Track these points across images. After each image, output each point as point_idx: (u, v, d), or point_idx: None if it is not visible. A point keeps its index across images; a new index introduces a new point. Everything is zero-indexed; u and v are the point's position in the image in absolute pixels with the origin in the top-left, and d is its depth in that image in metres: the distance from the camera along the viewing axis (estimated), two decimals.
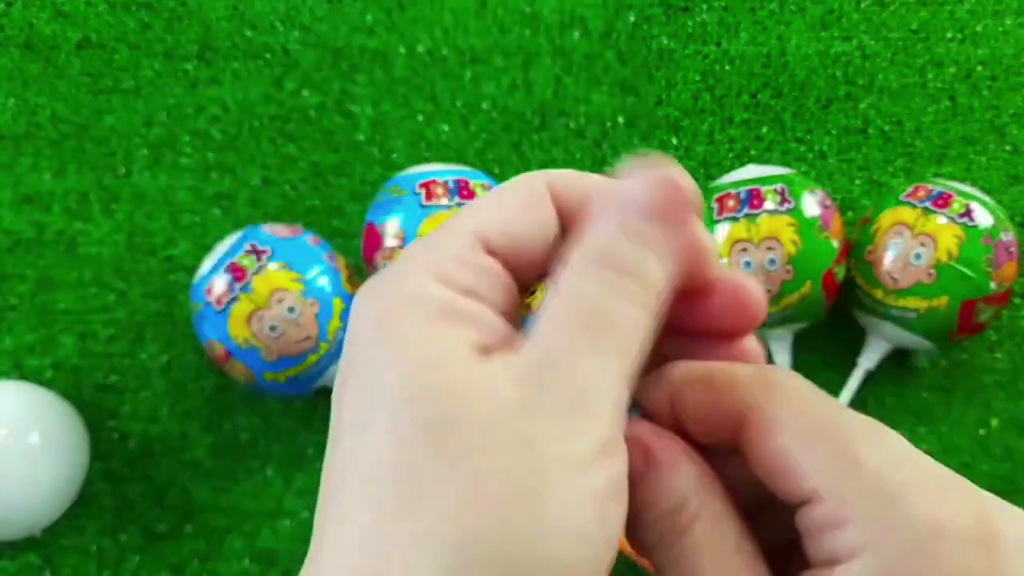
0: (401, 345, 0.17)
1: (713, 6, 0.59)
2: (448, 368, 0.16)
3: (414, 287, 0.17)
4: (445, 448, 0.15)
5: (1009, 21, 0.59)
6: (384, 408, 0.16)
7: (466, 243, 0.18)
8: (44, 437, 0.45)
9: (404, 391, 0.16)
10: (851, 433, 0.17)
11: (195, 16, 0.57)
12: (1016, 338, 0.52)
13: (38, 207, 0.53)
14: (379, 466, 0.16)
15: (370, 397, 0.16)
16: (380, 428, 0.16)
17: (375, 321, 0.17)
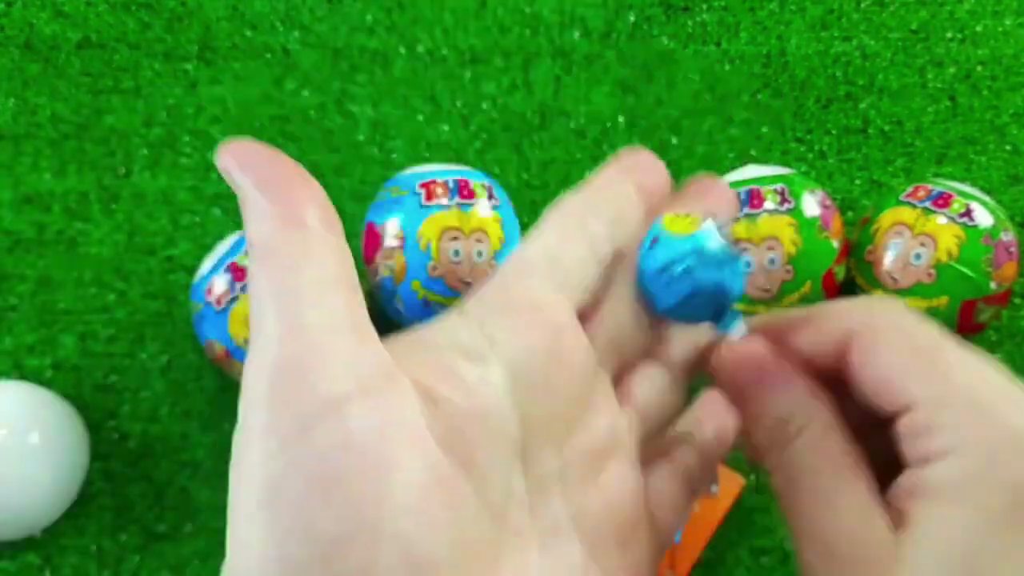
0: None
1: (713, 6, 0.59)
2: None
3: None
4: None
5: (1009, 21, 0.59)
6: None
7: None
8: (44, 437, 0.45)
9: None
10: (946, 351, 0.19)
11: (195, 16, 0.57)
12: (1016, 338, 0.52)
13: (38, 207, 0.53)
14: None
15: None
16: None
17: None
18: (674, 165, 0.55)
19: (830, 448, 0.19)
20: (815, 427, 0.19)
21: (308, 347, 0.16)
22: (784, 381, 0.20)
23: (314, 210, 0.18)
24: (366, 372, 0.17)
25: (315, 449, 0.16)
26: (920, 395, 0.18)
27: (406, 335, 0.20)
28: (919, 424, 0.18)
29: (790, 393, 0.20)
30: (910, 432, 0.18)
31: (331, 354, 0.16)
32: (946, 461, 0.17)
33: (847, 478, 0.19)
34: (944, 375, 0.18)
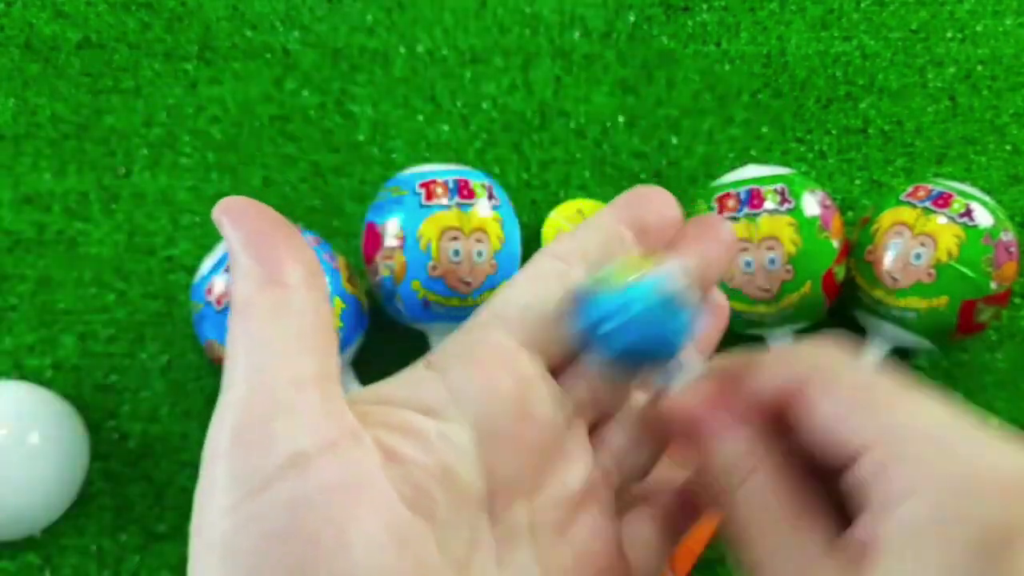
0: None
1: (713, 6, 0.59)
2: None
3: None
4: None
5: (1009, 21, 0.59)
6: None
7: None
8: (44, 437, 0.45)
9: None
10: (895, 392, 0.18)
11: (195, 16, 0.57)
12: (1016, 338, 0.52)
13: (38, 207, 0.53)
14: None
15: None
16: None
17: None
18: (674, 165, 0.55)
19: (777, 496, 0.19)
20: (760, 475, 0.19)
21: (272, 402, 0.17)
22: (725, 430, 0.20)
23: (295, 268, 0.18)
24: (328, 429, 0.17)
25: (273, 505, 0.16)
26: (872, 438, 0.17)
27: (370, 390, 0.20)
28: (873, 468, 0.17)
29: (732, 442, 0.20)
30: (863, 478, 0.17)
31: (295, 410, 0.17)
32: (903, 507, 0.16)
33: (797, 526, 0.18)
34: (891, 417, 0.17)
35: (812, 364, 0.19)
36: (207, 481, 0.16)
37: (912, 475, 0.16)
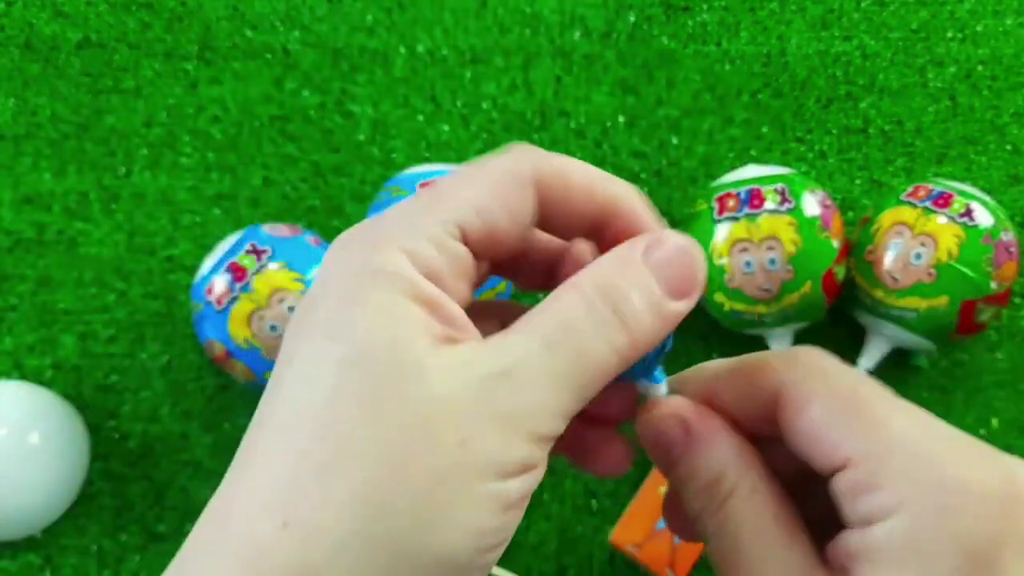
0: (363, 320, 0.17)
1: (713, 6, 0.59)
2: (403, 350, 0.17)
3: (386, 260, 0.18)
4: (382, 418, 0.16)
5: (1009, 21, 0.59)
6: (333, 367, 0.17)
7: (444, 227, 0.18)
8: (44, 437, 0.45)
9: (356, 360, 0.17)
10: (879, 403, 0.18)
11: (195, 16, 0.57)
12: (1016, 338, 0.52)
13: (38, 207, 0.53)
14: (314, 419, 0.16)
15: (322, 354, 0.17)
16: (324, 383, 0.17)
17: (342, 285, 0.18)
18: (674, 165, 0.55)
19: (764, 508, 0.19)
20: (746, 486, 0.19)
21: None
22: (712, 438, 0.20)
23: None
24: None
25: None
26: (856, 451, 0.17)
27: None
28: (857, 482, 0.17)
29: (719, 450, 0.19)
30: (849, 491, 0.17)
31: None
32: (889, 521, 0.16)
33: (783, 540, 0.18)
34: (878, 427, 0.17)
35: (793, 372, 0.19)
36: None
37: (897, 491, 0.16)
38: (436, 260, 0.18)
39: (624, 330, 0.18)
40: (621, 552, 0.46)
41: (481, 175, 0.19)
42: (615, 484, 0.49)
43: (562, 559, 0.48)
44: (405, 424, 0.16)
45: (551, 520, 0.48)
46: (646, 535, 0.45)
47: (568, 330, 0.17)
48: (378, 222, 0.19)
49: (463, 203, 0.19)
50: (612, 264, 0.18)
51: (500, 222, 0.19)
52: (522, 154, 0.19)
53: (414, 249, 0.18)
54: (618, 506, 0.48)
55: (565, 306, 0.18)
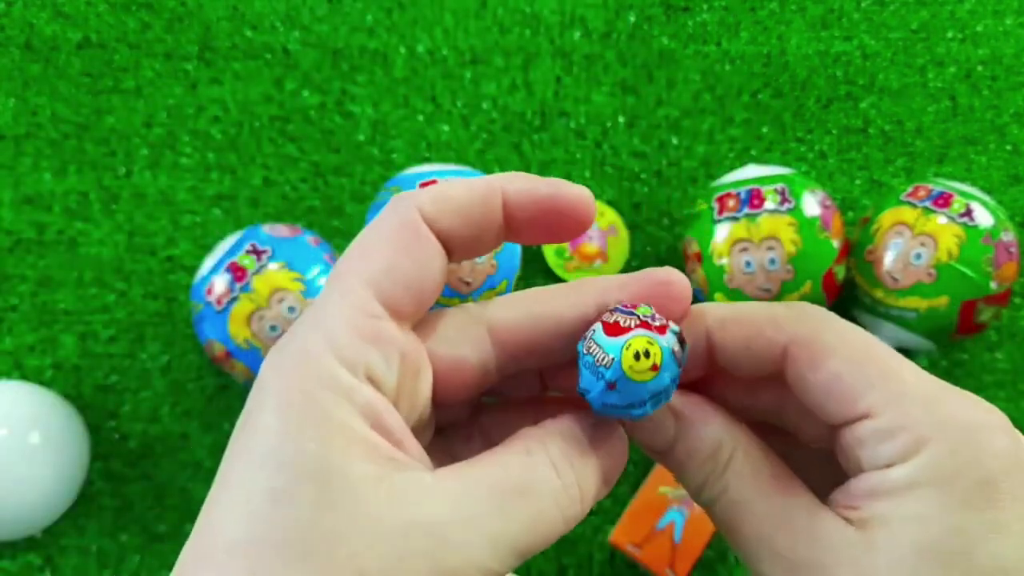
0: (293, 447, 0.16)
1: (713, 6, 0.59)
2: (334, 487, 0.16)
3: (315, 369, 0.17)
4: (305, 567, 0.15)
5: (1009, 21, 0.59)
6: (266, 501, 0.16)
7: (358, 306, 0.18)
8: (44, 437, 0.45)
9: (290, 497, 0.16)
10: (890, 357, 0.19)
11: (195, 16, 0.57)
12: (1016, 338, 0.52)
13: (38, 207, 0.53)
14: (231, 564, 0.16)
15: (256, 486, 0.16)
16: (256, 516, 0.16)
17: (277, 407, 0.17)
18: (674, 165, 0.55)
19: (766, 466, 0.20)
20: (744, 450, 0.20)
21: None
22: (703, 416, 0.20)
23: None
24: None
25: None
26: (876, 402, 0.18)
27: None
28: (879, 429, 0.18)
29: (712, 423, 0.20)
30: (870, 438, 0.18)
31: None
32: (911, 461, 0.17)
33: (791, 490, 0.19)
34: (894, 379, 0.18)
35: (805, 325, 0.20)
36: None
37: (918, 434, 0.18)
38: (359, 350, 0.17)
39: (580, 503, 0.18)
40: (621, 552, 0.46)
41: (373, 235, 0.19)
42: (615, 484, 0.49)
43: (562, 559, 0.48)
44: (336, 570, 0.16)
45: None
46: (646, 535, 0.45)
47: (526, 497, 0.17)
48: (299, 325, 0.18)
49: (366, 268, 0.18)
50: (586, 434, 0.19)
51: (407, 272, 0.18)
52: (401, 201, 0.19)
53: (336, 344, 0.17)
54: (618, 506, 0.48)
55: (530, 467, 0.18)
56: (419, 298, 0.19)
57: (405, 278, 0.18)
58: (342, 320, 0.18)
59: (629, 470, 0.49)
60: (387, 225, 0.19)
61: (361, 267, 0.18)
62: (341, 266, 0.19)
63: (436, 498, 0.17)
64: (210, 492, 0.17)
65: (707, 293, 0.47)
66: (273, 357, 0.18)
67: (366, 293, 0.18)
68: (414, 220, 0.19)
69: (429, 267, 0.19)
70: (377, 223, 0.19)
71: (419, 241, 0.19)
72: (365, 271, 0.18)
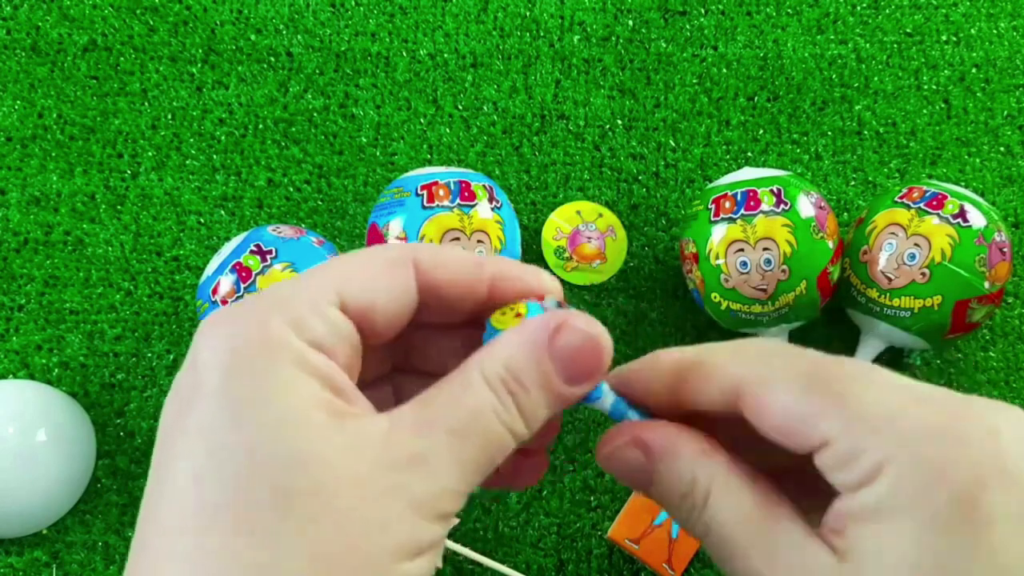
0: (252, 403, 0.17)
1: (710, 10, 0.59)
2: (301, 434, 0.17)
3: (268, 333, 0.17)
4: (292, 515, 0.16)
5: (1003, 24, 0.59)
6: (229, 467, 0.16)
7: (323, 295, 0.18)
8: (51, 435, 0.45)
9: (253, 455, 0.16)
10: (839, 375, 0.18)
11: (200, 20, 0.58)
12: (1009, 337, 0.53)
13: (45, 208, 0.54)
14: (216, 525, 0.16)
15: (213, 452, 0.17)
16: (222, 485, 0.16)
17: (225, 367, 0.17)
18: (672, 167, 0.56)
19: (744, 497, 0.19)
20: (719, 484, 0.19)
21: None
22: (674, 449, 0.20)
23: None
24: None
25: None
26: (831, 429, 0.18)
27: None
28: (839, 456, 0.17)
29: (684, 459, 0.20)
30: (833, 465, 0.18)
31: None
32: (877, 482, 0.17)
33: (774, 520, 0.19)
34: (847, 400, 0.18)
35: (750, 365, 0.19)
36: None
37: (879, 454, 0.17)
38: (319, 329, 0.18)
39: (522, 419, 0.19)
40: (619, 547, 0.47)
41: (357, 256, 0.20)
42: (613, 480, 0.49)
43: (561, 554, 0.48)
44: (314, 516, 0.16)
45: (550, 515, 0.49)
46: (644, 530, 0.46)
47: (474, 419, 0.18)
48: (253, 299, 0.19)
49: (339, 275, 0.19)
50: (518, 350, 0.19)
51: (378, 296, 0.19)
52: (400, 247, 0.20)
53: (293, 316, 0.18)
54: (616, 502, 0.49)
55: (471, 394, 0.18)
56: (379, 321, 0.19)
57: (372, 297, 0.19)
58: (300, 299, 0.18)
59: None
60: (376, 253, 0.20)
61: (334, 273, 0.19)
62: (317, 267, 0.19)
63: (396, 438, 0.18)
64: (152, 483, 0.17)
65: (704, 293, 0.48)
66: (213, 322, 0.18)
67: (331, 292, 0.19)
68: (404, 258, 0.20)
69: (399, 300, 0.20)
70: (371, 249, 0.20)
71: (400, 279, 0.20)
72: (337, 277, 0.19)
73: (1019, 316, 0.54)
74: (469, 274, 0.20)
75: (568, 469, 0.49)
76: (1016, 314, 0.54)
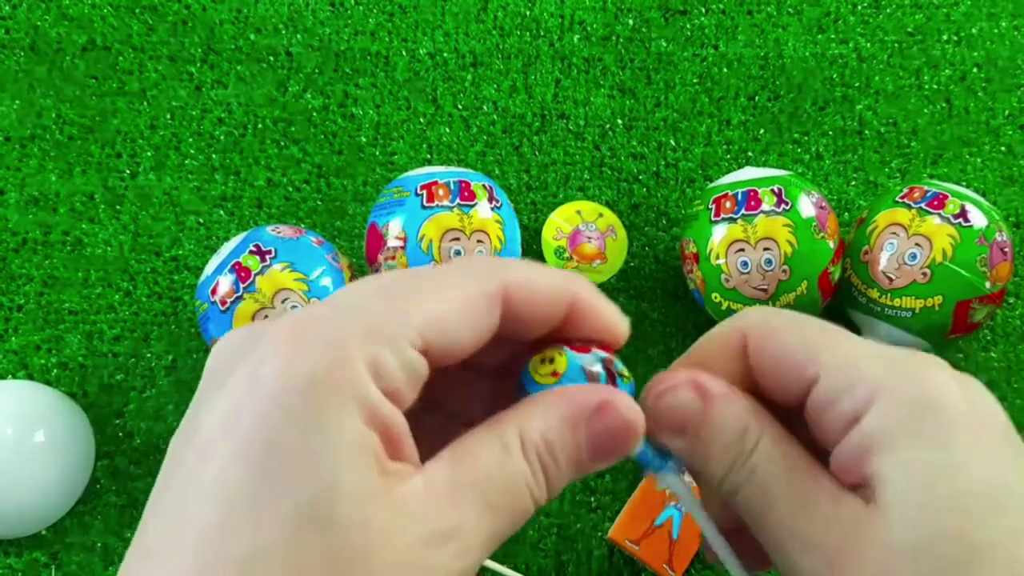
0: (306, 449, 0.16)
1: (711, 9, 0.59)
2: (350, 500, 0.16)
3: (345, 371, 0.16)
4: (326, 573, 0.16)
5: (1004, 23, 0.59)
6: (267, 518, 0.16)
7: (409, 332, 0.17)
8: (50, 436, 0.45)
9: (302, 510, 0.16)
10: (830, 328, 0.21)
11: (199, 19, 0.58)
12: (1010, 337, 0.53)
13: (44, 208, 0.54)
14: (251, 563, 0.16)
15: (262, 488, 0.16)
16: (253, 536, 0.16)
17: (301, 392, 0.16)
18: (672, 167, 0.56)
19: (790, 451, 0.20)
20: (769, 435, 0.20)
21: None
22: (730, 395, 0.21)
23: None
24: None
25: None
26: (823, 363, 0.19)
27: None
28: (833, 387, 0.19)
29: (739, 405, 0.21)
30: (828, 398, 0.19)
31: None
32: (873, 409, 0.18)
33: (813, 475, 0.20)
34: (836, 343, 0.20)
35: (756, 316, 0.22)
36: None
37: (870, 382, 0.19)
38: (398, 375, 0.17)
39: (548, 489, 0.19)
40: (619, 548, 0.47)
41: (451, 286, 0.19)
42: (614, 481, 0.49)
43: (561, 555, 0.48)
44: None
45: (550, 516, 0.49)
46: (644, 531, 0.46)
47: (510, 493, 0.18)
48: (332, 315, 0.17)
49: (431, 315, 0.18)
50: (558, 424, 0.19)
51: (463, 339, 0.18)
52: (492, 270, 0.19)
53: (377, 359, 0.17)
54: (617, 503, 0.49)
55: (509, 464, 0.18)
56: (454, 354, 0.19)
57: (455, 338, 0.18)
58: (386, 338, 0.17)
59: (628, 467, 0.50)
60: (466, 278, 0.19)
61: (424, 308, 0.18)
62: (407, 287, 0.18)
63: (433, 509, 0.17)
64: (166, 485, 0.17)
65: (704, 293, 0.48)
66: (297, 328, 0.17)
67: (416, 334, 0.18)
68: (496, 290, 0.19)
69: (481, 338, 0.19)
70: (457, 273, 0.19)
71: (487, 316, 0.19)
72: (426, 315, 0.18)
73: (1020, 316, 0.53)
74: (556, 304, 0.20)
75: None
76: (1017, 314, 0.53)
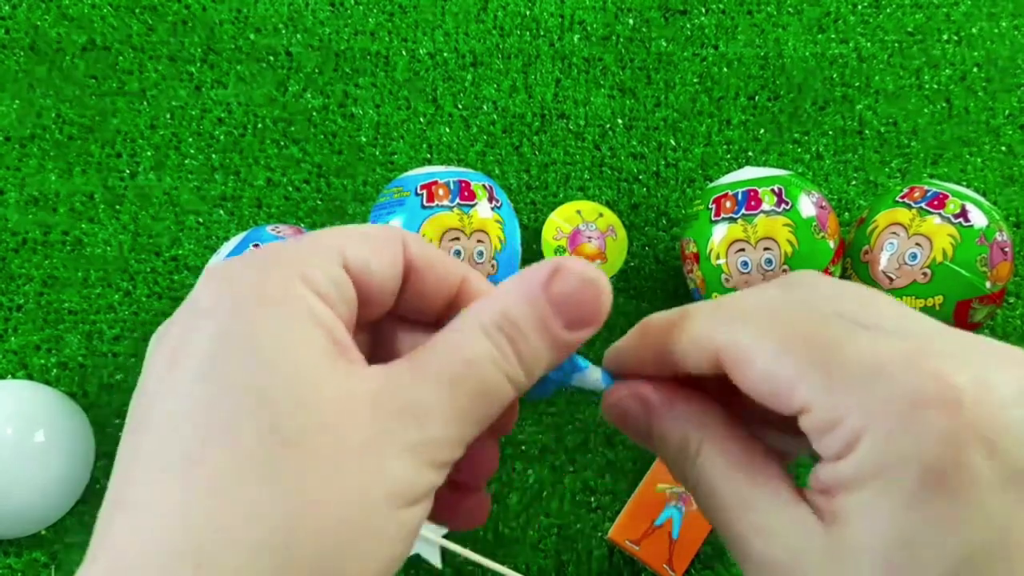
0: (255, 342, 0.17)
1: (711, 9, 0.59)
2: (304, 376, 0.17)
3: (276, 282, 0.18)
4: (289, 454, 0.16)
5: (1004, 23, 0.59)
6: (227, 402, 0.16)
7: (330, 256, 0.19)
8: (50, 435, 0.45)
9: (252, 392, 0.16)
10: (822, 330, 0.18)
11: (199, 19, 0.58)
12: (1011, 337, 0.53)
13: (44, 208, 0.54)
14: (206, 460, 0.16)
15: (210, 387, 0.17)
16: (218, 419, 0.16)
17: (229, 309, 0.17)
18: (672, 167, 0.56)
19: (733, 455, 0.20)
20: (710, 441, 0.20)
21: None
22: (671, 406, 0.21)
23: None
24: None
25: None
26: (809, 396, 0.17)
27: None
28: (817, 424, 0.17)
29: (679, 415, 0.21)
30: (813, 431, 0.18)
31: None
32: (854, 454, 0.17)
33: (760, 478, 0.19)
34: (827, 361, 0.17)
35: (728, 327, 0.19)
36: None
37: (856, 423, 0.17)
38: (326, 284, 0.18)
39: (522, 365, 0.19)
40: (619, 548, 0.47)
41: (354, 227, 0.20)
42: (614, 481, 0.49)
43: (561, 555, 0.48)
44: (314, 455, 0.16)
45: (550, 517, 0.49)
46: (644, 531, 0.46)
47: (471, 368, 0.18)
48: (258, 252, 0.19)
49: (341, 239, 0.19)
50: (513, 297, 0.19)
51: (373, 264, 0.19)
52: (395, 232, 0.21)
53: (304, 272, 0.18)
54: (617, 503, 0.49)
55: (467, 343, 0.19)
56: (371, 289, 0.20)
57: (369, 265, 0.19)
58: (309, 257, 0.18)
59: (628, 467, 0.50)
60: (372, 229, 0.20)
61: (338, 239, 0.19)
62: (321, 233, 0.20)
63: (394, 386, 0.18)
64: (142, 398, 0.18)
65: (704, 293, 0.48)
66: (224, 269, 0.18)
67: (336, 254, 0.19)
68: (396, 237, 0.20)
69: (390, 273, 0.20)
70: (365, 227, 0.21)
71: (393, 260, 0.20)
72: (341, 243, 0.19)
73: (1020, 316, 0.53)
74: (447, 266, 0.21)
75: (568, 470, 0.49)
76: (1018, 314, 0.53)
